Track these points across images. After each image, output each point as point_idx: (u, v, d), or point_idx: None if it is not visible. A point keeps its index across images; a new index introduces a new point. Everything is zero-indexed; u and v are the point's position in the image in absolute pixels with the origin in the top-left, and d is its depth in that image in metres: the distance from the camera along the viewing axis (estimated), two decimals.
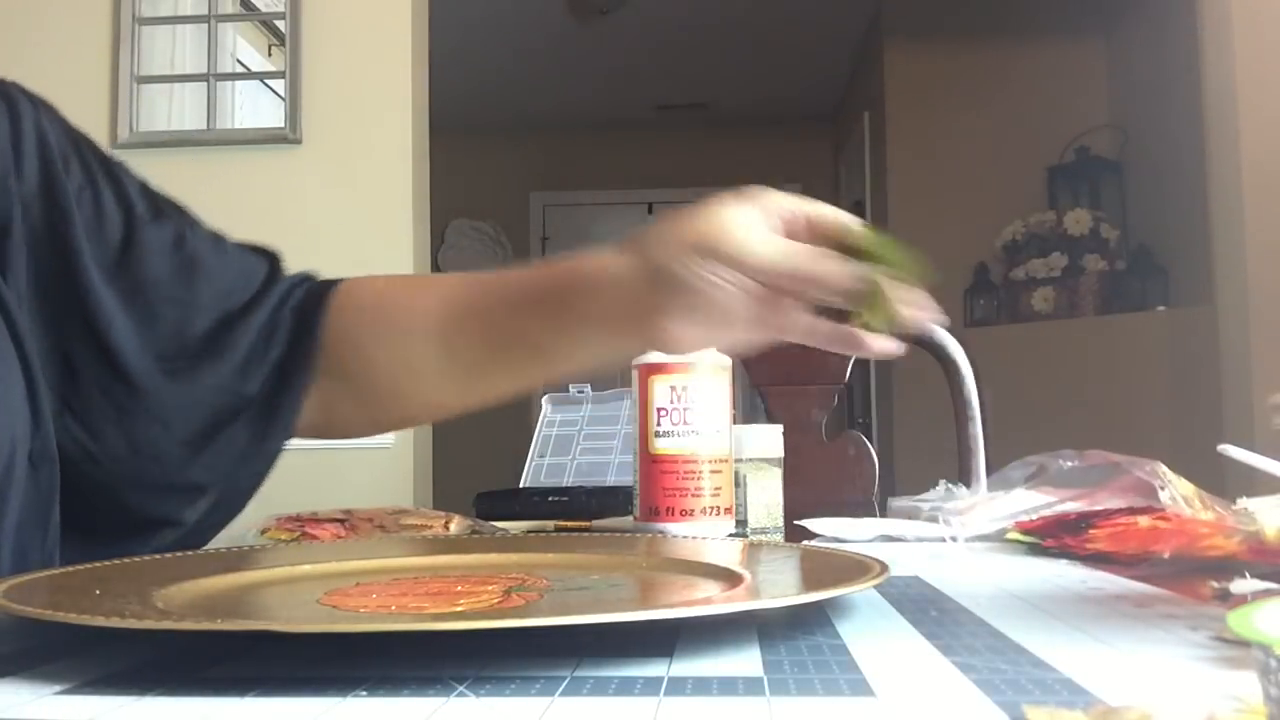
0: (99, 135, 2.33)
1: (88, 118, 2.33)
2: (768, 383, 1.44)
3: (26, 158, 0.66)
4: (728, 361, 0.83)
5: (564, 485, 1.28)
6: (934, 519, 0.83)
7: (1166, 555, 0.59)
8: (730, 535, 0.80)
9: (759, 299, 0.58)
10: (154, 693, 0.35)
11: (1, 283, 0.62)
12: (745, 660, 0.38)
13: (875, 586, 0.48)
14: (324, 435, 0.75)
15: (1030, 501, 0.81)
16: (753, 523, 0.85)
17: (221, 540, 0.76)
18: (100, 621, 0.37)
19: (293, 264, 0.77)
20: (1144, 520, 0.66)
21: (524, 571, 0.58)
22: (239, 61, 2.58)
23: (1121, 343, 3.54)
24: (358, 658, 0.39)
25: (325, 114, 2.35)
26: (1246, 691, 0.31)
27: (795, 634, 0.43)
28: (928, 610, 0.49)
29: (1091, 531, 0.68)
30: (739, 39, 4.74)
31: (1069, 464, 0.82)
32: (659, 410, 0.80)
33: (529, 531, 0.91)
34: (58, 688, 0.36)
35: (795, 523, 0.87)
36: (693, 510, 0.79)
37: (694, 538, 0.73)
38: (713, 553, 0.60)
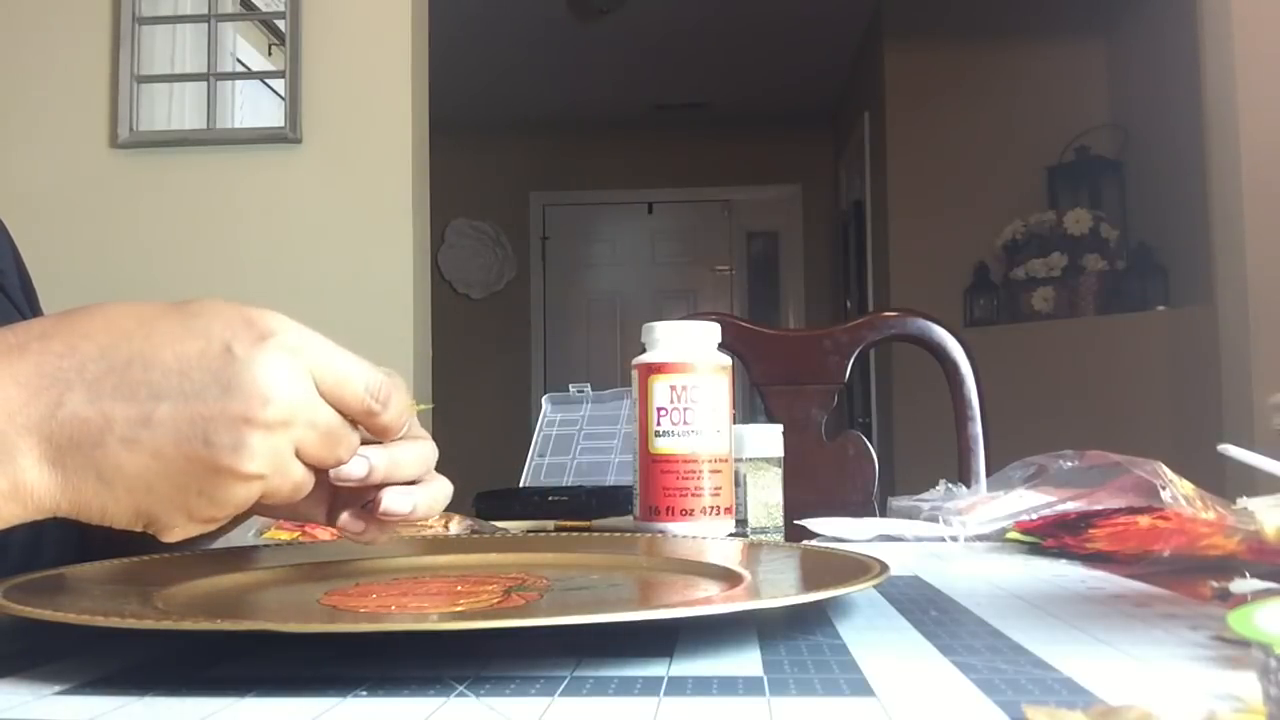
0: (99, 135, 2.34)
1: (88, 118, 2.34)
2: (768, 383, 1.44)
3: None
4: (728, 361, 0.83)
5: (564, 485, 1.28)
6: (934, 519, 0.83)
7: (1166, 554, 0.59)
8: (730, 535, 0.80)
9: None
10: (154, 693, 0.35)
11: None
12: (745, 660, 0.38)
13: (875, 586, 0.48)
14: None
15: (1030, 501, 0.81)
16: (753, 523, 0.85)
17: (221, 540, 0.76)
18: (100, 621, 0.37)
19: (293, 264, 0.77)
20: (1144, 520, 0.66)
21: (524, 571, 0.58)
22: (239, 61, 2.58)
23: (1121, 343, 3.54)
24: (358, 658, 0.39)
25: (325, 114, 2.35)
26: (1246, 691, 0.31)
27: (795, 634, 0.43)
28: (928, 610, 0.49)
29: (1091, 531, 0.68)
30: (738, 39, 4.73)
31: (1069, 464, 0.82)
32: (659, 410, 0.80)
33: (529, 531, 0.91)
34: (58, 688, 0.36)
35: (795, 523, 0.87)
36: (693, 510, 0.79)
37: (694, 538, 0.73)
38: (713, 553, 0.60)
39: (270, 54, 2.71)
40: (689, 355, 0.81)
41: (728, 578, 0.52)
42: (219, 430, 0.42)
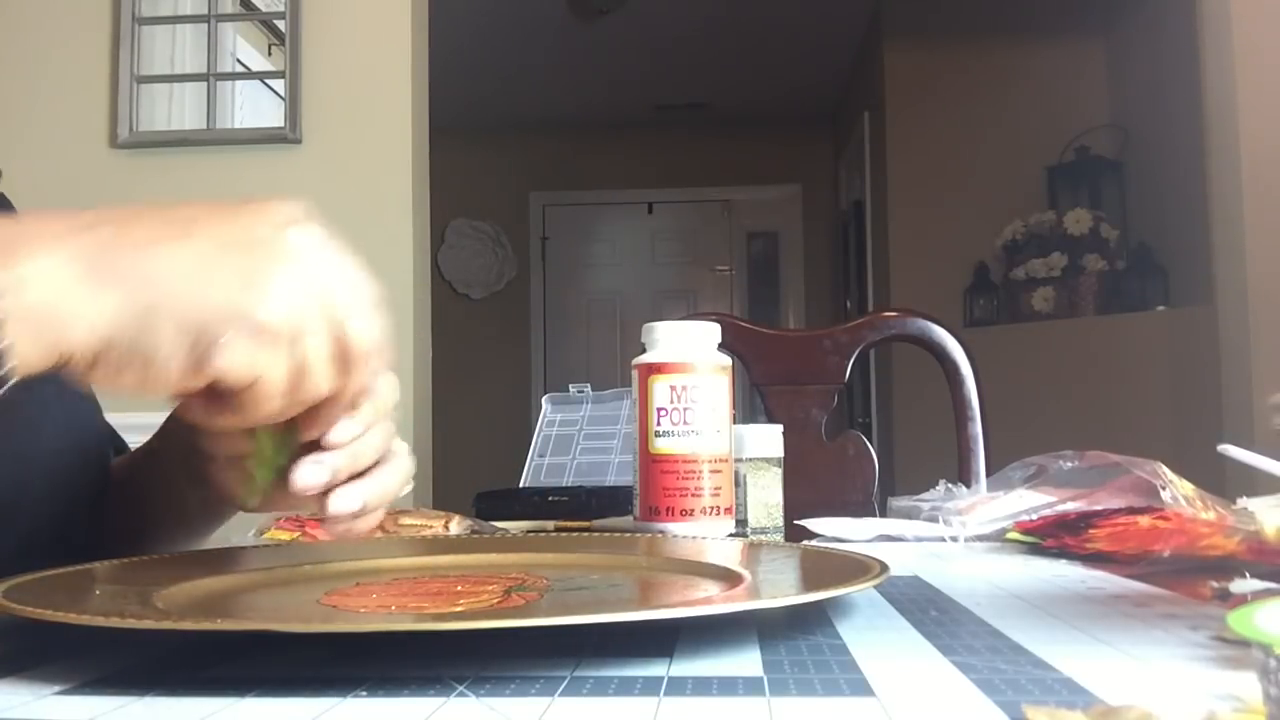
0: (99, 135, 2.34)
1: (88, 118, 2.34)
2: (768, 383, 1.44)
3: None
4: (727, 361, 0.83)
5: (564, 485, 1.28)
6: (934, 519, 0.83)
7: (1166, 554, 0.59)
8: (730, 535, 0.80)
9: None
10: (154, 693, 0.35)
11: None
12: (745, 660, 0.38)
13: (875, 586, 0.48)
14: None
15: (1030, 501, 0.81)
16: (753, 523, 0.85)
17: (222, 540, 0.76)
18: (100, 621, 0.37)
19: None
20: (1144, 520, 0.66)
21: (524, 571, 0.58)
22: (239, 61, 2.58)
23: (1121, 343, 3.54)
24: (358, 658, 0.39)
25: (325, 114, 2.35)
26: (1246, 691, 0.31)
27: (795, 634, 0.43)
28: (928, 610, 0.49)
29: (1091, 531, 0.68)
30: (739, 39, 4.73)
31: (1069, 464, 0.82)
32: (659, 410, 0.80)
33: (529, 531, 0.91)
34: (58, 688, 0.36)
35: (795, 523, 0.87)
36: (693, 510, 0.79)
37: (694, 538, 0.73)
38: (713, 553, 0.60)
39: (270, 54, 2.71)
40: (689, 355, 0.81)
41: (728, 578, 0.52)
42: (263, 233, 0.45)
